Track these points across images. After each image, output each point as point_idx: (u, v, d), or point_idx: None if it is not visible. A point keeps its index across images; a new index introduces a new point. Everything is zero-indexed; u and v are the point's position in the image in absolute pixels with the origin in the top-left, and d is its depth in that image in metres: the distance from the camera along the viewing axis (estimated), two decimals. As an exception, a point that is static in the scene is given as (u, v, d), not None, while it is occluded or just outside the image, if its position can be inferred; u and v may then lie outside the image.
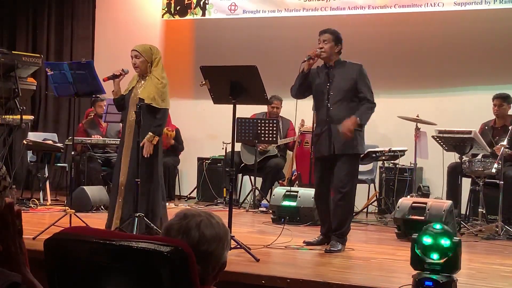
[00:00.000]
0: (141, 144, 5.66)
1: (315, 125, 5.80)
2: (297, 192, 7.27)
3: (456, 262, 3.59)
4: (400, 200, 6.64)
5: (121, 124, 7.22)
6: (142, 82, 5.84)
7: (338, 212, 5.58)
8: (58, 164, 9.20)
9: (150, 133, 5.72)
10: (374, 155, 7.78)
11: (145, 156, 5.72)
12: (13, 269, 1.60)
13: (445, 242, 3.55)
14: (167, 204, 8.45)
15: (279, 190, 7.48)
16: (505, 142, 6.65)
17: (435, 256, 3.56)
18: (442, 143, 7.08)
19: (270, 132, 8.22)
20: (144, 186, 5.71)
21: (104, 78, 5.83)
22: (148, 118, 5.67)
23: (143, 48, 5.83)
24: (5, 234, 1.62)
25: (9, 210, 1.63)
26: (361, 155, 5.80)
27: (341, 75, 5.60)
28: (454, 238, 3.58)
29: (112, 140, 8.61)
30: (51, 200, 8.43)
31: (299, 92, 5.70)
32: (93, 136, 8.85)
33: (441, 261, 3.56)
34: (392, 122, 8.40)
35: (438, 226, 3.60)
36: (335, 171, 5.56)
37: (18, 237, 1.65)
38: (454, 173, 7.24)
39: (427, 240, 3.58)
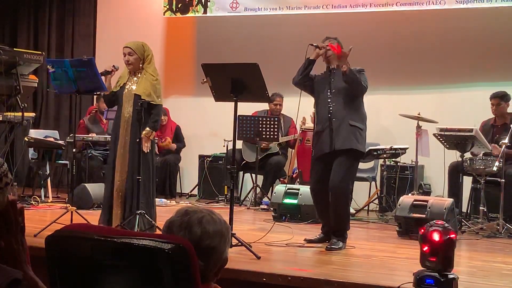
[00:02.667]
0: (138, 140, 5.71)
1: (315, 124, 5.78)
2: (298, 189, 7.27)
3: (450, 261, 3.60)
4: (401, 198, 6.64)
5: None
6: (134, 78, 5.88)
7: (336, 210, 5.59)
8: (59, 161, 9.19)
9: (147, 129, 5.75)
10: (375, 153, 7.78)
11: (146, 151, 5.75)
12: (15, 266, 1.60)
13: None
14: (168, 201, 8.56)
15: (280, 188, 7.48)
16: (506, 140, 6.65)
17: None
18: (443, 141, 7.07)
19: (272, 129, 8.22)
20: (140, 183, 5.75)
21: None
22: (144, 114, 5.70)
23: (136, 46, 5.87)
24: (8, 231, 1.62)
25: (12, 207, 1.63)
26: (362, 154, 5.77)
27: (341, 76, 5.59)
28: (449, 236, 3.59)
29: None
30: (52, 197, 8.44)
31: (301, 79, 5.66)
32: (93, 133, 8.86)
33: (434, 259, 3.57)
34: (394, 120, 8.40)
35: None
36: (334, 167, 5.54)
37: (20, 235, 1.65)
38: (455, 171, 7.24)
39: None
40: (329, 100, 5.58)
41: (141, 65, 5.88)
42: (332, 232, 5.58)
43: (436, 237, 3.58)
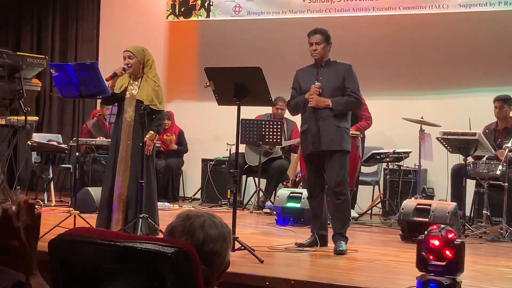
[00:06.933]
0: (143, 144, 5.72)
1: (302, 122, 5.79)
2: (301, 193, 7.26)
3: (459, 264, 3.59)
4: (404, 202, 6.63)
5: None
6: (136, 83, 5.90)
7: (339, 213, 5.60)
8: (63, 165, 9.21)
9: (151, 132, 5.78)
10: (378, 156, 7.77)
11: (148, 154, 5.77)
12: (25, 270, 1.61)
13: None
14: (171, 205, 8.57)
15: (283, 192, 7.48)
16: (509, 144, 6.64)
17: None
18: (446, 145, 7.06)
19: (275, 133, 8.22)
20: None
21: (107, 78, 5.88)
22: (147, 119, 5.71)
23: (136, 49, 5.92)
24: (25, 235, 1.62)
25: (34, 215, 1.64)
26: (349, 153, 5.74)
27: (329, 74, 5.60)
28: (456, 240, 3.57)
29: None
30: (55, 201, 8.44)
31: (298, 111, 5.75)
32: (96, 138, 8.87)
33: (443, 263, 3.55)
34: (397, 124, 8.39)
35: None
36: (327, 173, 5.58)
37: (35, 240, 1.66)
38: (458, 175, 7.23)
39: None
40: None
41: (141, 70, 5.90)
42: (337, 232, 5.57)
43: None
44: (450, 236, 3.56)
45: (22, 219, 1.63)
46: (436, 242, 3.56)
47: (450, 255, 3.54)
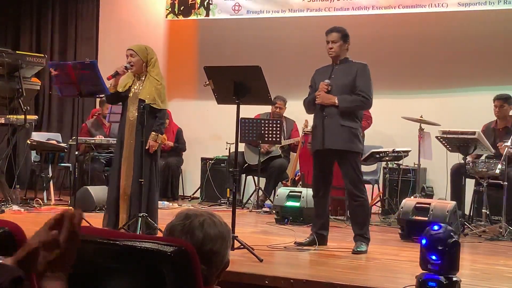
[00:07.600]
0: (146, 147, 5.71)
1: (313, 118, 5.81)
2: (301, 192, 7.27)
3: (454, 263, 3.59)
4: (403, 201, 6.63)
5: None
6: (139, 82, 5.90)
7: (355, 215, 5.63)
8: (62, 164, 9.21)
9: (153, 133, 5.77)
10: (377, 155, 7.77)
11: (151, 152, 5.77)
12: (33, 268, 1.61)
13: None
14: (170, 204, 8.57)
15: (282, 191, 7.48)
16: (509, 143, 6.64)
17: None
18: (446, 144, 7.06)
19: (274, 132, 8.22)
20: (145, 186, 5.75)
21: (108, 77, 5.88)
22: (149, 118, 5.71)
23: (138, 48, 5.92)
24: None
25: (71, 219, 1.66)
26: (360, 154, 5.74)
27: (342, 72, 5.61)
28: (449, 239, 3.57)
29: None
30: (55, 200, 8.44)
31: (310, 109, 5.75)
32: (96, 136, 8.87)
33: (438, 261, 3.56)
34: (396, 122, 8.40)
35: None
36: (343, 176, 5.59)
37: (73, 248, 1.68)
38: (458, 174, 7.22)
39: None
40: None
41: (144, 68, 5.89)
42: (354, 236, 5.58)
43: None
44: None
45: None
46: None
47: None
